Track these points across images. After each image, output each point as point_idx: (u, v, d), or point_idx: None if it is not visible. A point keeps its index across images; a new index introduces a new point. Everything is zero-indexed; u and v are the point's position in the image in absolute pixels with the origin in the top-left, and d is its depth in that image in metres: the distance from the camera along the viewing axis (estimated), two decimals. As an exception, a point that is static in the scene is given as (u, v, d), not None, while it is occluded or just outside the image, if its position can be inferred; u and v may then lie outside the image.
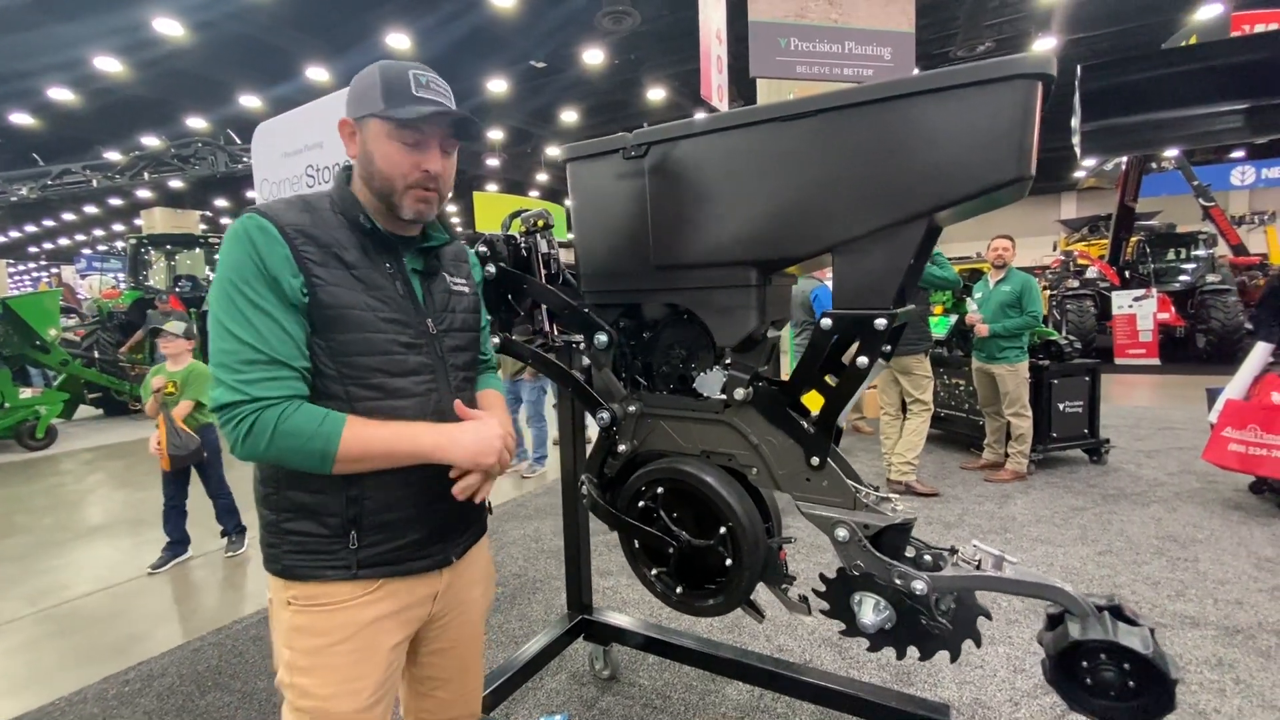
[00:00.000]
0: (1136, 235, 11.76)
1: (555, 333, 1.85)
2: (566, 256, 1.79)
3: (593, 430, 1.76)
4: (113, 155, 14.01)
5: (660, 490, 1.51)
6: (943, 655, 1.33)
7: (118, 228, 27.96)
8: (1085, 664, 1.17)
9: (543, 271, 1.71)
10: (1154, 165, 12.69)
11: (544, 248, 1.76)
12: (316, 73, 12.47)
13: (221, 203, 23.68)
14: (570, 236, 1.70)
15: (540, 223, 1.76)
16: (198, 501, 3.78)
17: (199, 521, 4.31)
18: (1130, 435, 5.68)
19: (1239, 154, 20.91)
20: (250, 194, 22.23)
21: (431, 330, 1.13)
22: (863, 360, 1.25)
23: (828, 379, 1.42)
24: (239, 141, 11.02)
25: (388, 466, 1.03)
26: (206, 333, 1.06)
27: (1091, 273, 12.07)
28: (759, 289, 1.37)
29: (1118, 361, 10.28)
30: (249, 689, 2.37)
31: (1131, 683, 1.13)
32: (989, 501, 4.14)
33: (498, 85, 13.75)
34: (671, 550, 1.50)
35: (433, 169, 1.07)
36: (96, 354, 8.97)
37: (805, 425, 1.39)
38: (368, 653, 1.07)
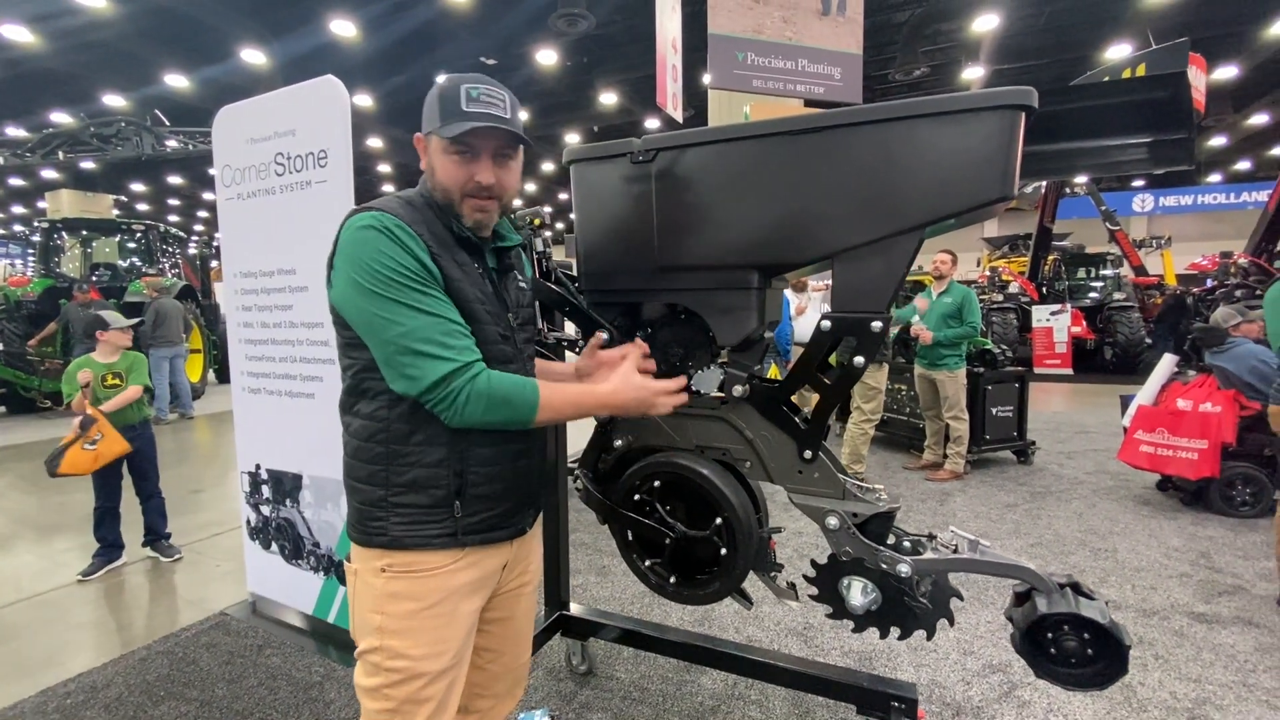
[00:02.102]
0: (1053, 254, 12.70)
1: (546, 330, 1.88)
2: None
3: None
4: (16, 132, 12.87)
5: (658, 483, 1.56)
6: (896, 643, 1.43)
7: (17, 210, 25.66)
8: (1050, 635, 1.31)
9: (536, 269, 1.74)
10: (1068, 190, 13.71)
11: (539, 246, 1.79)
12: (252, 55, 11.87)
13: (139, 187, 22.10)
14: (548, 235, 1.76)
15: (536, 221, 1.79)
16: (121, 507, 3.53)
17: (129, 526, 4.06)
18: (1052, 438, 6.15)
19: (1140, 183, 22.90)
20: (172, 178, 20.70)
21: (513, 323, 1.23)
22: (859, 360, 1.34)
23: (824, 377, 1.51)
24: (168, 123, 10.35)
25: (573, 419, 1.25)
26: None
27: (1013, 288, 12.94)
28: (760, 292, 1.45)
29: (1037, 371, 11.05)
30: (207, 697, 2.27)
31: (1090, 650, 1.27)
32: (930, 500, 4.40)
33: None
34: (668, 541, 1.56)
35: (484, 180, 1.13)
36: (0, 346, 8.23)
37: (797, 421, 1.48)
38: (453, 616, 1.17)
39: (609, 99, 15.01)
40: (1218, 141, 19.34)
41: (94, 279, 9.17)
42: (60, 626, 2.88)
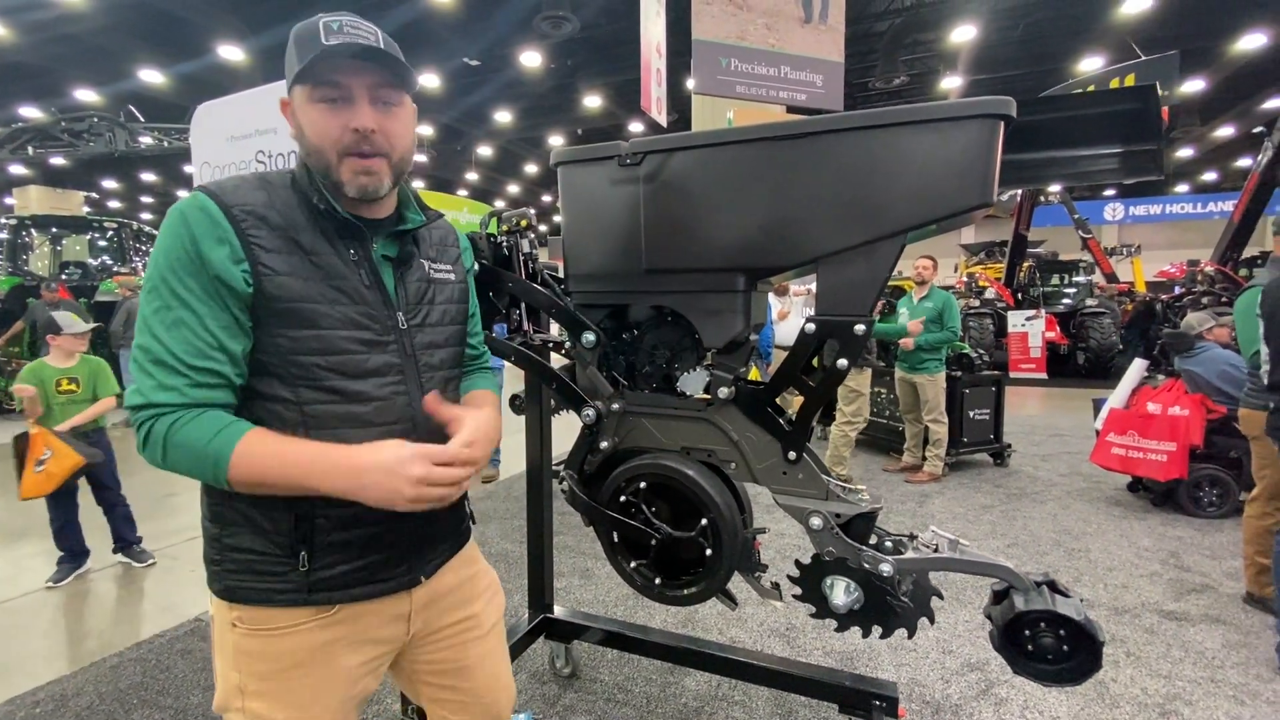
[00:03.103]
0: (1028, 261, 12.97)
1: (532, 331, 1.88)
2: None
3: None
4: (-17, 126, 12.53)
5: (643, 484, 1.57)
6: (877, 642, 1.45)
7: (-19, 206, 24.94)
8: (1028, 632, 1.34)
9: (523, 271, 1.74)
10: (1043, 198, 14.03)
11: (525, 247, 1.79)
12: (230, 51, 11.70)
13: (111, 184, 21.63)
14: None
15: (523, 222, 1.78)
16: (87, 513, 3.43)
17: (98, 531, 3.97)
18: (1027, 441, 6.27)
19: (1111, 192, 23.49)
20: (145, 175, 20.35)
21: (401, 325, 1.00)
22: (842, 362, 1.36)
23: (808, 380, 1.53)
24: (141, 119, 10.14)
25: (298, 492, 0.88)
26: (102, 323, 0.96)
27: (990, 293, 13.18)
28: (746, 294, 1.47)
29: (1012, 375, 11.26)
30: (182, 705, 2.22)
31: (1066, 647, 1.30)
32: (910, 501, 4.47)
33: (429, 81, 13.40)
34: (654, 542, 1.56)
35: (363, 124, 0.90)
36: (-37, 346, 8.00)
37: (782, 423, 1.50)
38: (325, 674, 0.98)
39: (593, 102, 15.04)
40: (1186, 153, 19.91)
41: (64, 277, 8.95)
42: (28, 634, 2.80)
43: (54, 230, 9.69)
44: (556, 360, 1.78)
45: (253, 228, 0.89)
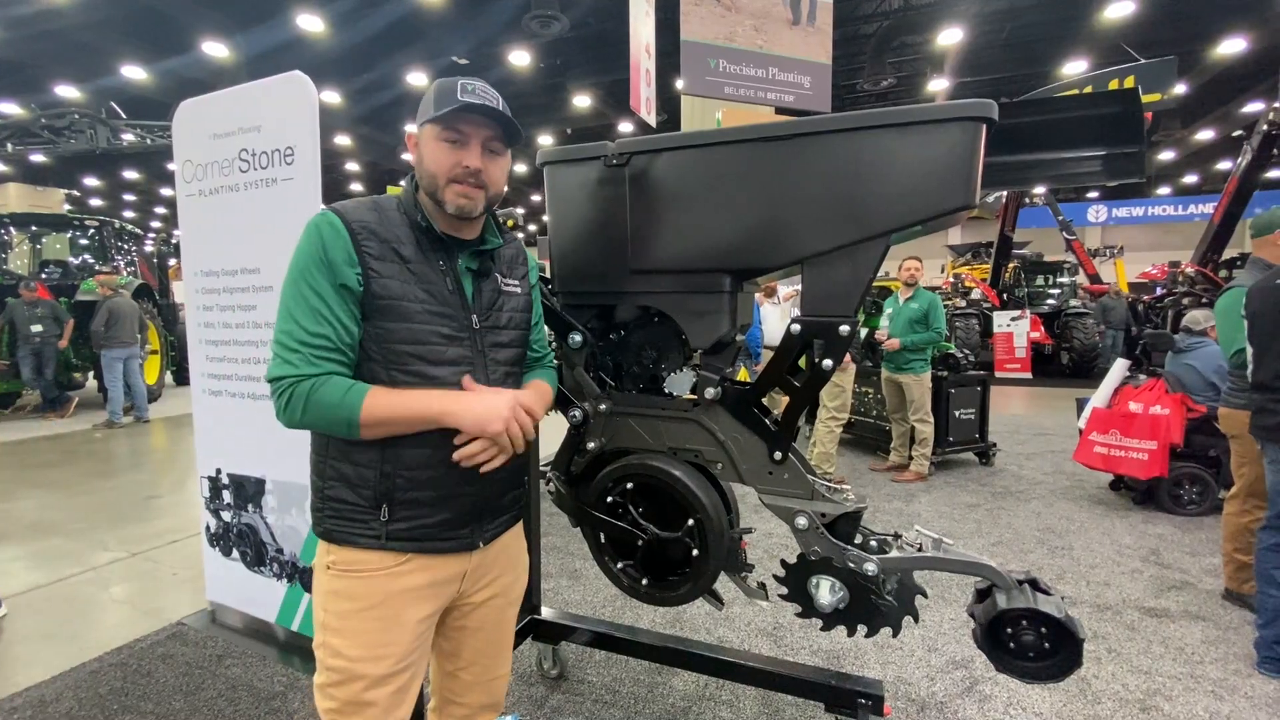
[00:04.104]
0: (1013, 262, 13.10)
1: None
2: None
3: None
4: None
5: (630, 485, 1.57)
6: (863, 641, 1.46)
7: (-41, 204, 24.46)
8: (1010, 630, 1.35)
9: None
10: (1027, 200, 14.18)
11: (511, 247, 1.78)
12: (214, 48, 11.58)
13: (93, 182, 21.30)
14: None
15: (509, 223, 1.78)
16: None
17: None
18: (1012, 440, 6.33)
19: (1095, 195, 23.80)
20: (127, 173, 20.10)
21: (475, 325, 1.20)
22: (827, 363, 1.37)
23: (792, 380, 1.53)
24: (123, 116, 10.00)
25: (410, 430, 1.10)
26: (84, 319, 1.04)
27: (976, 294, 13.31)
28: (732, 295, 1.47)
29: (997, 375, 11.37)
30: (164, 710, 2.19)
31: (1048, 644, 1.32)
32: (896, 500, 4.50)
33: (418, 79, 13.34)
34: (641, 543, 1.56)
35: (472, 164, 1.13)
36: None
37: (768, 423, 1.51)
38: (395, 621, 1.14)
39: (582, 102, 15.02)
40: (1167, 156, 20.21)
41: (43, 276, 8.80)
42: (7, 639, 2.75)
43: (33, 228, 9.53)
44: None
45: (365, 240, 1.11)
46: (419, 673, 1.20)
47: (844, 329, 1.34)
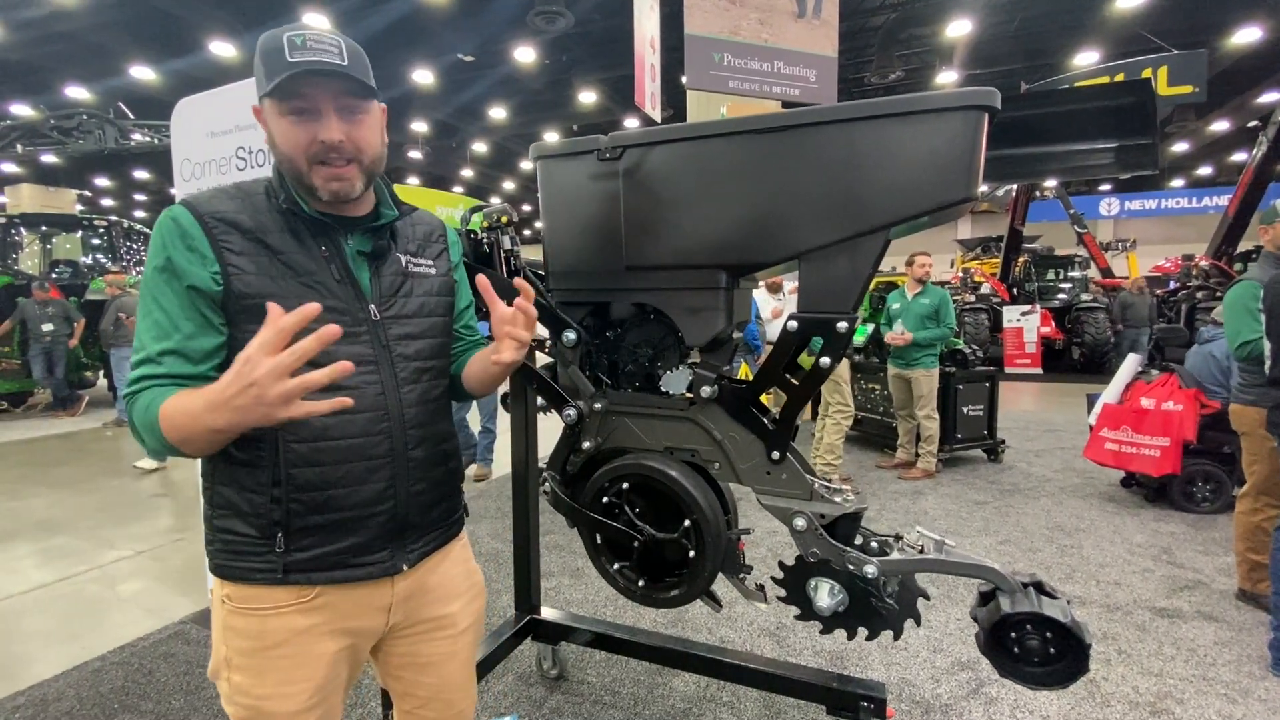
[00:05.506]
0: (1023, 256, 12.95)
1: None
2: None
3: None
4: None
5: (626, 485, 1.54)
6: (867, 641, 1.43)
7: (-27, 205, 24.78)
8: (1014, 635, 1.31)
9: (504, 268, 1.71)
10: (1037, 193, 14.02)
11: (506, 244, 1.75)
12: (222, 48, 11.61)
13: (104, 182, 21.49)
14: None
15: (504, 219, 1.75)
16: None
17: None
18: (1021, 436, 6.26)
19: (1106, 187, 23.51)
20: (138, 173, 20.26)
21: (374, 316, 1.04)
22: (826, 360, 1.34)
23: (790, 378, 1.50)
24: (131, 116, 10.06)
25: (214, 440, 0.87)
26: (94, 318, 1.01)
27: (985, 289, 13.17)
28: (728, 292, 1.44)
29: (1007, 370, 11.26)
30: (163, 710, 2.19)
31: (1053, 649, 1.28)
32: (903, 498, 4.45)
33: (424, 77, 13.33)
34: (637, 544, 1.54)
35: (330, 138, 0.95)
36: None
37: (766, 422, 1.47)
38: (304, 658, 1.01)
39: (588, 97, 14.96)
40: (1181, 147, 19.91)
41: (54, 276, 8.88)
42: (10, 637, 2.77)
43: (43, 228, 9.62)
44: (540, 359, 1.75)
45: (223, 233, 0.96)
46: (338, 703, 1.08)
47: (842, 325, 1.30)
